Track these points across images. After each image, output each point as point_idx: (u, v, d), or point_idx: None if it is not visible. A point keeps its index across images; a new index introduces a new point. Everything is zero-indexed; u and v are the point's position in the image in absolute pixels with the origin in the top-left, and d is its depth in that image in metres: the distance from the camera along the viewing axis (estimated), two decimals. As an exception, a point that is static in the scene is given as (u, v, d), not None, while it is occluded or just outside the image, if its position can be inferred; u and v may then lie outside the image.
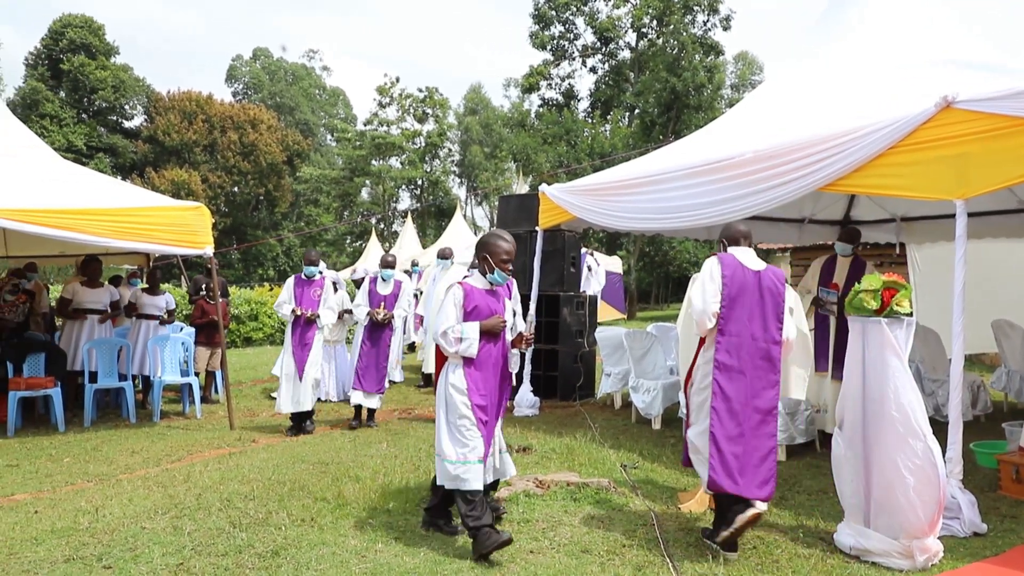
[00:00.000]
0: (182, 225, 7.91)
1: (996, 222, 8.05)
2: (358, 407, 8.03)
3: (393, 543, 4.21)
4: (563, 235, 9.43)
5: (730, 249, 4.42)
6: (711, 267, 4.27)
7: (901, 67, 6.08)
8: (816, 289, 6.99)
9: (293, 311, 7.63)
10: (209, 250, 8.06)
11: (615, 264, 23.34)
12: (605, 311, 19.75)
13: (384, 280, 8.09)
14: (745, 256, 4.34)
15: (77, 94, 41.41)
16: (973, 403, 7.71)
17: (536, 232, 8.90)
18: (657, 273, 35.19)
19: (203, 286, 9.84)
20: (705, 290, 4.20)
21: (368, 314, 7.93)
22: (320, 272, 7.93)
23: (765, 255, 24.95)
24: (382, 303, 7.99)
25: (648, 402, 7.75)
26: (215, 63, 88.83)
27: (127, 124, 44.91)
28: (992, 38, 6.28)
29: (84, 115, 42.09)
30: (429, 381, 10.77)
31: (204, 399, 9.51)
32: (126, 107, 44.74)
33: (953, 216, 4.68)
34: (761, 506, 4.05)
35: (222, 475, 5.79)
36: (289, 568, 3.85)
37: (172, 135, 40.58)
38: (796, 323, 4.95)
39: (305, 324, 7.66)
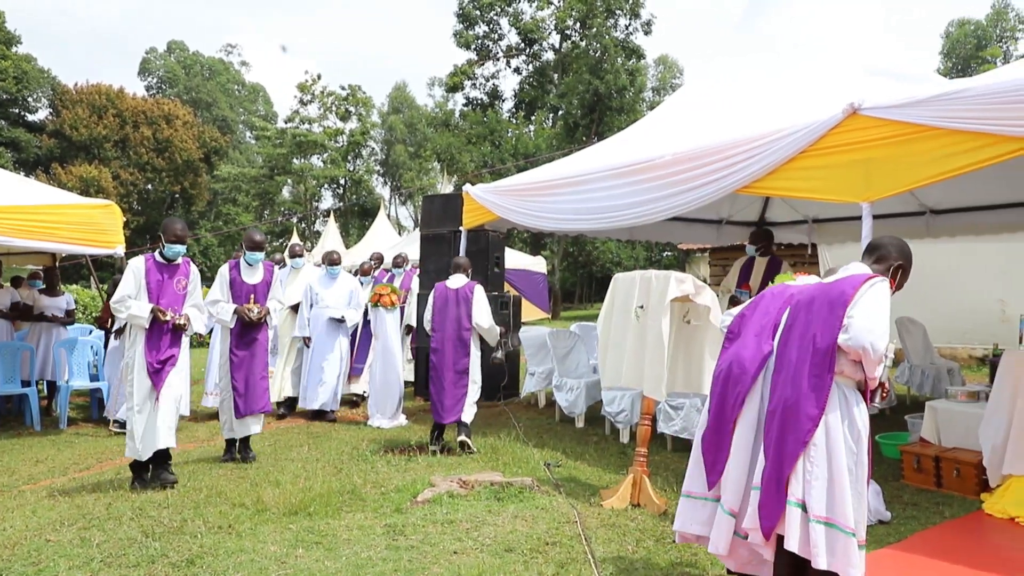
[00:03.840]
0: (91, 224, 7.66)
1: (900, 224, 8.43)
2: (231, 441, 6.31)
3: (314, 548, 4.13)
4: (487, 235, 9.42)
5: (451, 277, 6.85)
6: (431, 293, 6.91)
7: (814, 73, 6.31)
8: (734, 288, 7.26)
9: (154, 312, 5.34)
10: (120, 250, 7.79)
11: (539, 264, 23.51)
12: (529, 311, 19.87)
13: (250, 265, 6.26)
14: (453, 280, 6.82)
15: (-25, 85, 39.20)
16: (879, 397, 8.05)
17: (460, 232, 8.88)
18: (581, 273, 35.61)
19: None
20: (425, 308, 6.91)
21: (235, 312, 6.11)
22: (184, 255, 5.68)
23: (684, 256, 25.57)
24: (251, 295, 6.17)
25: (571, 401, 7.83)
26: (127, 56, 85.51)
27: (31, 117, 42.59)
28: (901, 44, 6.58)
29: (-17, 107, 39.86)
30: (293, 407, 8.69)
31: (115, 404, 9.11)
32: (29, 99, 42.38)
33: (860, 218, 4.89)
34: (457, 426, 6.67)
35: (134, 483, 5.57)
36: (205, 577, 3.74)
37: (80, 130, 38.73)
38: (713, 320, 5.04)
39: (171, 333, 5.47)
